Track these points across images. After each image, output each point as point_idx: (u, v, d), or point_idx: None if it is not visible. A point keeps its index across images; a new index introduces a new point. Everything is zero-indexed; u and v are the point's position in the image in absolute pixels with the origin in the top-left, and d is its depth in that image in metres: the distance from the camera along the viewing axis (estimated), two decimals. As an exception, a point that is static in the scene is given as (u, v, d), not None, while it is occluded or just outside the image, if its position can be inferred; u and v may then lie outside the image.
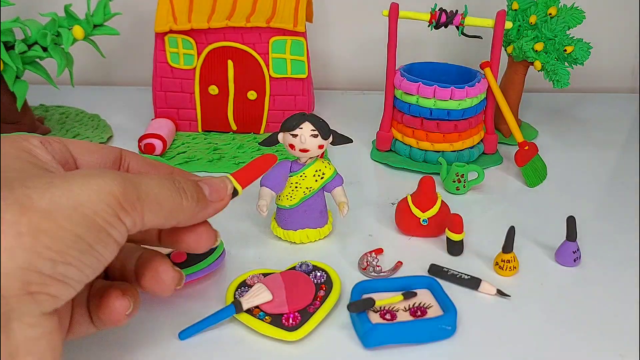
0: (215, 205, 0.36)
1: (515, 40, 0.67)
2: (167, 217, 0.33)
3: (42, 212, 0.27)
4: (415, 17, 0.63)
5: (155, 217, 0.32)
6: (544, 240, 0.52)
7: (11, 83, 0.63)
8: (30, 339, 0.28)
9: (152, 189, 0.32)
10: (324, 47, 0.89)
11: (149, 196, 0.31)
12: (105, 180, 0.30)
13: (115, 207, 0.29)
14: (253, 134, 0.71)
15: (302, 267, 0.46)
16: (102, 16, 0.65)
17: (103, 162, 0.37)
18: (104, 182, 0.29)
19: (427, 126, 0.63)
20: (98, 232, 0.29)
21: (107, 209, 0.29)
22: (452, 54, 0.87)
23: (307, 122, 0.47)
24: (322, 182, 0.50)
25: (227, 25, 0.65)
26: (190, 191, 0.34)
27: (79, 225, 0.28)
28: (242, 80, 0.68)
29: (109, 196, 0.29)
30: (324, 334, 0.41)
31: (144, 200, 0.31)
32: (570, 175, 0.65)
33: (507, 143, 0.71)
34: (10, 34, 0.62)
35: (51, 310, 0.29)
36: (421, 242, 0.52)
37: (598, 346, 0.41)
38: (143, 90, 0.80)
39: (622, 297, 0.45)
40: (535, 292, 0.46)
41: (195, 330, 0.40)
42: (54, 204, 0.28)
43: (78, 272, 0.29)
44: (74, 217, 0.28)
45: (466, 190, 0.60)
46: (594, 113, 0.82)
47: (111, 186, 0.29)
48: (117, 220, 0.30)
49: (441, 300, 0.42)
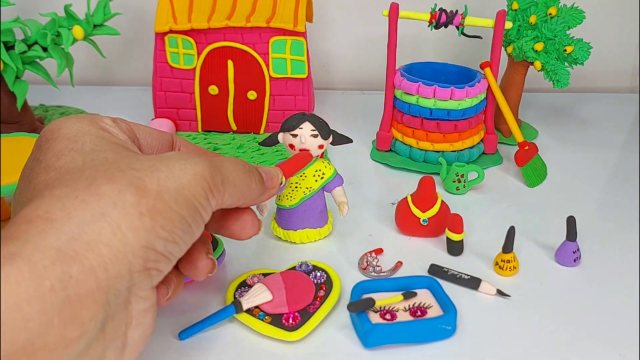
0: (270, 192, 0.39)
1: (515, 40, 0.67)
2: (239, 198, 0.35)
3: (156, 194, 0.29)
4: (415, 17, 0.63)
5: (232, 197, 0.34)
6: (544, 240, 0.52)
7: (11, 83, 0.63)
8: (141, 311, 0.30)
9: (230, 172, 0.34)
10: (324, 47, 0.89)
11: (229, 178, 0.34)
12: (199, 165, 0.32)
13: (206, 190, 0.32)
14: (253, 134, 0.71)
15: (302, 267, 0.46)
16: (102, 16, 0.65)
17: (161, 145, 0.39)
18: (198, 167, 0.32)
19: (427, 126, 0.63)
20: (195, 212, 0.31)
21: (201, 192, 0.32)
22: (452, 54, 0.87)
23: (307, 122, 0.47)
24: (322, 182, 0.49)
25: (227, 25, 0.65)
26: (257, 174, 0.37)
27: (182, 206, 0.30)
28: (242, 80, 0.68)
29: (202, 180, 0.32)
30: (324, 334, 0.41)
31: (226, 183, 0.33)
32: (570, 175, 0.65)
33: (507, 143, 0.71)
34: (10, 34, 0.62)
35: (156, 285, 0.31)
36: (421, 242, 0.52)
37: (598, 346, 0.41)
38: (143, 90, 0.80)
39: (622, 297, 0.45)
40: (535, 292, 0.46)
41: (195, 330, 0.40)
42: (162, 186, 0.30)
43: (179, 249, 0.31)
44: (179, 199, 0.30)
45: (466, 190, 0.60)
46: (594, 113, 0.82)
47: (203, 171, 0.32)
48: (207, 202, 0.32)
49: (441, 300, 0.42)
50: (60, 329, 0.26)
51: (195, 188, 0.31)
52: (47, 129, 0.34)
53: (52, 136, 0.33)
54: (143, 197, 0.29)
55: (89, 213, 0.28)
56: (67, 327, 0.26)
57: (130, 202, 0.29)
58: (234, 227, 0.38)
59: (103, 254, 0.27)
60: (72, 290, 0.26)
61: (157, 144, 0.38)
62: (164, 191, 0.30)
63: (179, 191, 0.30)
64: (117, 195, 0.29)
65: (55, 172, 0.31)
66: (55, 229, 0.27)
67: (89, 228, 0.28)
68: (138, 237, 0.29)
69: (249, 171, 0.36)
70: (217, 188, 0.33)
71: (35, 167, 0.32)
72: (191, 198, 0.31)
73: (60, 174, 0.31)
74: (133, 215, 0.29)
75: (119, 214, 0.28)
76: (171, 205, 0.30)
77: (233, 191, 0.34)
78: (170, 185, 0.30)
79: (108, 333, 0.28)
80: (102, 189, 0.29)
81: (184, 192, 0.31)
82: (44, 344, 0.25)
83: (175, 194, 0.30)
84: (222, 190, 0.33)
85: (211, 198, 0.32)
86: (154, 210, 0.29)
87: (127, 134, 0.36)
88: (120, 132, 0.35)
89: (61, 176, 0.30)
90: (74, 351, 0.26)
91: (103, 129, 0.34)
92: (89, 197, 0.28)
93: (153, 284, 0.31)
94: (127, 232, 0.28)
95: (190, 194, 0.31)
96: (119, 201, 0.29)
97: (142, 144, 0.38)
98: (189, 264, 0.36)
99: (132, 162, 0.31)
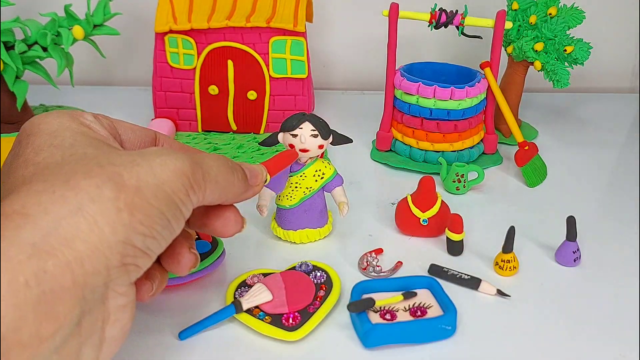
0: (254, 189, 0.38)
1: (515, 40, 0.67)
2: (221, 194, 0.35)
3: (134, 190, 0.29)
4: (415, 17, 0.63)
5: (213, 193, 0.34)
6: (544, 240, 0.52)
7: (11, 83, 0.63)
8: (119, 306, 0.30)
9: (212, 168, 0.34)
10: (324, 47, 0.89)
11: (210, 175, 0.33)
12: (179, 160, 0.31)
13: (187, 186, 0.32)
14: (253, 134, 0.71)
15: (302, 267, 0.46)
16: (102, 16, 0.65)
17: (143, 141, 0.38)
18: (179, 162, 0.31)
19: (427, 126, 0.63)
20: (175, 208, 0.31)
21: (181, 188, 0.31)
22: (452, 54, 0.87)
23: (307, 122, 0.47)
24: (322, 182, 0.49)
25: (227, 25, 0.65)
26: (240, 171, 0.37)
27: (162, 202, 0.30)
28: (242, 80, 0.68)
29: (183, 176, 0.31)
30: (324, 334, 0.41)
31: (207, 179, 0.33)
32: (570, 175, 0.65)
33: (507, 143, 0.71)
34: (10, 34, 0.62)
35: (134, 281, 0.31)
36: (421, 242, 0.52)
37: (598, 346, 0.41)
38: (143, 90, 0.80)
39: (622, 297, 0.45)
40: (535, 292, 0.46)
41: (195, 330, 0.40)
42: (141, 182, 0.30)
43: (158, 245, 0.31)
44: (159, 195, 0.30)
45: (466, 190, 0.60)
46: (594, 113, 0.82)
47: (184, 166, 0.31)
48: (187, 198, 0.32)
49: (441, 300, 0.42)
50: (35, 325, 0.25)
51: (175, 184, 0.31)
52: (27, 124, 0.34)
53: (32, 131, 0.33)
54: (121, 192, 0.29)
55: (65, 208, 0.28)
56: (42, 322, 0.26)
57: (108, 197, 0.28)
58: (217, 224, 0.37)
59: (79, 249, 0.27)
60: (47, 286, 0.26)
61: (138, 141, 0.38)
62: (143, 186, 0.30)
63: (158, 187, 0.30)
64: (94, 191, 0.28)
65: (34, 167, 0.31)
66: (31, 224, 0.27)
67: (66, 223, 0.27)
68: (115, 233, 0.28)
69: (232, 168, 0.36)
70: (198, 184, 0.32)
71: (14, 162, 0.32)
72: (171, 194, 0.31)
73: (38, 169, 0.30)
74: (111, 211, 0.28)
75: (96, 209, 0.28)
76: (150, 200, 0.30)
77: (215, 187, 0.34)
78: (149, 180, 0.30)
79: (84, 329, 0.28)
80: (80, 184, 0.28)
81: (163, 187, 0.30)
82: (18, 339, 0.25)
83: (155, 189, 0.30)
84: (203, 187, 0.33)
85: (192, 194, 0.32)
86: (132, 205, 0.29)
87: (108, 130, 0.35)
88: (102, 128, 0.35)
89: (39, 171, 0.30)
90: (49, 346, 0.26)
91: (83, 125, 0.34)
92: (67, 192, 0.28)
93: (131, 279, 0.30)
94: (104, 227, 0.28)
95: (170, 189, 0.31)
96: (96, 196, 0.28)
97: (124, 140, 0.37)
98: (171, 259, 0.36)
99: (112, 157, 0.31)
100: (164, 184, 0.30)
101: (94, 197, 0.28)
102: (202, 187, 0.33)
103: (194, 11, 0.67)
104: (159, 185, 0.30)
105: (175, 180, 0.31)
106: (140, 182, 0.30)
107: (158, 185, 0.30)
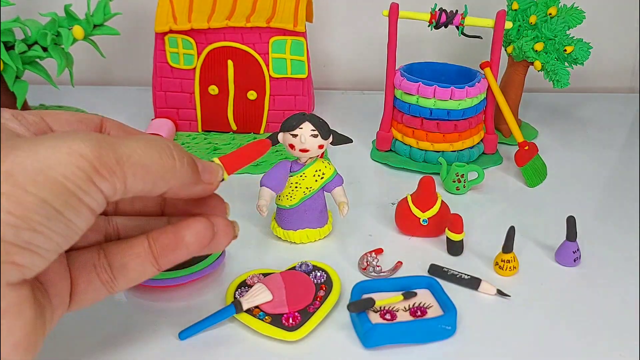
0: (205, 187, 0.33)
1: (515, 40, 0.67)
2: (155, 182, 0.30)
3: (4, 175, 0.25)
4: (415, 17, 0.63)
5: (141, 181, 0.29)
6: (544, 240, 0.52)
7: (11, 83, 0.63)
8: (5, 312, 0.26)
9: (134, 151, 0.29)
10: (324, 47, 0.89)
11: (131, 158, 0.28)
12: (76, 142, 0.27)
13: (88, 171, 0.27)
14: (253, 134, 0.71)
15: (302, 267, 0.46)
16: (102, 16, 0.65)
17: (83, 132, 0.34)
18: (75, 144, 0.27)
19: (427, 126, 0.63)
20: (68, 197, 0.27)
21: (78, 173, 0.27)
22: (452, 54, 0.87)
23: (307, 122, 0.47)
24: (322, 182, 0.49)
25: (227, 25, 0.65)
26: (186, 158, 0.31)
27: (44, 189, 0.26)
28: (242, 80, 0.68)
29: (80, 159, 0.27)
30: (324, 334, 0.41)
31: (125, 163, 0.28)
32: (570, 175, 0.65)
33: (507, 143, 0.71)
34: (10, 34, 0.62)
35: (19, 281, 0.27)
36: (421, 242, 0.52)
37: (598, 346, 0.41)
38: (143, 90, 0.80)
39: (622, 297, 0.45)
40: (535, 292, 0.46)
41: (195, 330, 0.40)
42: (17, 166, 0.26)
43: (47, 240, 0.27)
44: (39, 181, 0.26)
45: (466, 190, 0.60)
46: (594, 113, 0.82)
47: (83, 148, 0.27)
48: (91, 185, 0.27)
49: (441, 300, 0.42)
50: None
51: (68, 168, 0.26)
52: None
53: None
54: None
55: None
56: None
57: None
58: (188, 238, 0.33)
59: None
60: None
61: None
62: (18, 171, 0.26)
63: (40, 171, 0.26)
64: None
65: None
66: None
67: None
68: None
69: (169, 150, 0.30)
70: (107, 169, 0.27)
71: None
72: (61, 179, 0.26)
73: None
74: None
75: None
76: (25, 187, 0.26)
77: (141, 173, 0.29)
78: (28, 165, 0.26)
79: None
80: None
81: (48, 172, 0.26)
82: None
83: (34, 174, 0.26)
84: (119, 172, 0.28)
85: (99, 180, 0.27)
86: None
87: (31, 127, 0.32)
88: (18, 126, 0.31)
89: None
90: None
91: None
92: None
93: (9, 279, 0.26)
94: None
95: (60, 174, 0.26)
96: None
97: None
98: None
99: (12, 144, 0.27)
100: (49, 169, 0.26)
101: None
102: (116, 172, 0.28)
103: (194, 11, 0.67)
104: (40, 170, 0.26)
105: (68, 164, 0.26)
106: (15, 166, 0.26)
107: (41, 169, 0.26)
